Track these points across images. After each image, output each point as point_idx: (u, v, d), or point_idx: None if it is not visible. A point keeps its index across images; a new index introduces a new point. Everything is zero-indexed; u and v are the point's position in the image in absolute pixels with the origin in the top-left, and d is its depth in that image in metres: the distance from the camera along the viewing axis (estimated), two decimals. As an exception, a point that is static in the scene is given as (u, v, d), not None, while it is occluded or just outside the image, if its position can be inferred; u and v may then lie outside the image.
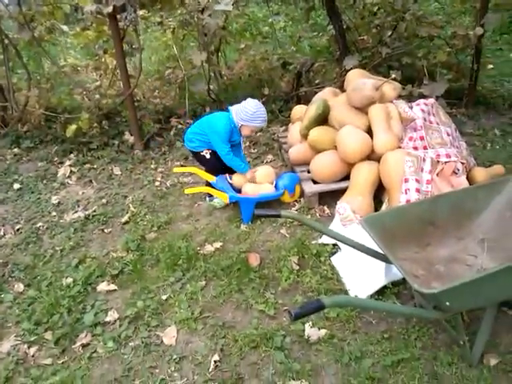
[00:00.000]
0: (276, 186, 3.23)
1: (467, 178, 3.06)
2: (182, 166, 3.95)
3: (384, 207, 2.99)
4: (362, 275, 2.48)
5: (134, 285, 2.64)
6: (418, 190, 2.79)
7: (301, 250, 2.75)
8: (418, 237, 2.26)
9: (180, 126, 4.63)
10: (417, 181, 2.82)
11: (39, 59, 5.04)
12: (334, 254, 2.71)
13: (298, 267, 2.63)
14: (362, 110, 3.24)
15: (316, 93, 4.25)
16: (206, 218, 3.21)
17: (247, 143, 4.32)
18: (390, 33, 4.24)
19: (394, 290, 2.43)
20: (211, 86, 4.90)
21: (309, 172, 3.39)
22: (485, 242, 2.28)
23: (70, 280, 2.70)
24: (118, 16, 4.05)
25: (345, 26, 4.56)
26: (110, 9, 3.84)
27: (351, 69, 3.92)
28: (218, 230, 3.05)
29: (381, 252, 2.09)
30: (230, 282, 2.55)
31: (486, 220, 2.31)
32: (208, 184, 3.30)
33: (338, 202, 2.99)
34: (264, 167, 3.39)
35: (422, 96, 3.63)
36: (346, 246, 2.62)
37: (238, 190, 3.20)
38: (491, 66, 5.67)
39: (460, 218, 2.31)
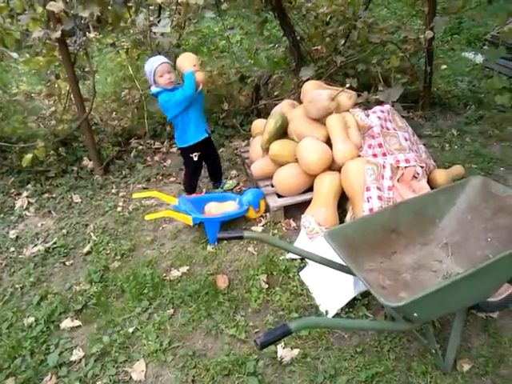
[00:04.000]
0: (240, 203, 3.19)
1: (428, 180, 3.10)
2: (143, 188, 3.86)
3: (348, 216, 2.98)
4: (331, 289, 2.45)
5: (99, 319, 2.54)
6: (380, 198, 2.80)
7: (269, 267, 2.70)
8: (382, 246, 2.25)
9: (140, 147, 4.54)
10: (378, 188, 2.83)
11: (-11, 88, 4.86)
12: (302, 268, 2.68)
13: (267, 286, 2.59)
14: (320, 120, 3.25)
15: (276, 105, 4.26)
16: (171, 241, 3.13)
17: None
18: (343, 41, 4.29)
19: (364, 301, 2.42)
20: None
21: (272, 186, 3.36)
22: (448, 246, 2.30)
23: (31, 319, 2.57)
24: (68, 40, 3.95)
25: (298, 37, 4.59)
26: (58, 34, 3.73)
27: (307, 80, 3.94)
28: (183, 253, 2.98)
29: (345, 264, 2.06)
30: (198, 307, 2.49)
31: (448, 224, 2.32)
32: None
33: (302, 215, 2.96)
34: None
35: (379, 102, 3.67)
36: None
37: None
38: (444, 67, 5.82)
39: (423, 223, 2.32)
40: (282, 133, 3.38)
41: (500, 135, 4.15)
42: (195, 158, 3.35)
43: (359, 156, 3.07)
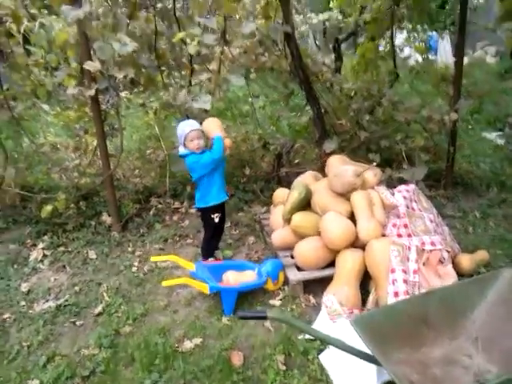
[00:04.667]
0: (259, 273, 3.12)
1: (452, 264, 3.02)
2: (160, 250, 3.82)
3: (371, 298, 2.89)
4: (352, 377, 2.32)
5: (105, 389, 2.42)
6: (405, 281, 2.71)
7: (287, 346, 2.59)
8: (410, 337, 2.15)
9: (160, 206, 4.54)
10: (404, 271, 2.75)
11: (18, 137, 4.99)
12: (322, 350, 2.55)
13: (284, 367, 2.46)
14: (344, 196, 3.24)
15: (297, 174, 4.28)
16: (185, 308, 3.04)
17: (228, 223, 4.24)
18: (367, 117, 4.37)
19: (388, 393, 2.27)
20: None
21: (292, 258, 3.30)
22: (478, 341, 2.19)
23: (36, 382, 2.46)
24: (100, 98, 4.08)
25: (323, 110, 4.70)
26: (92, 92, 3.86)
27: (332, 153, 3.98)
28: (197, 322, 2.87)
29: (372, 355, 1.96)
30: (211, 385, 2.36)
31: (479, 317, 2.22)
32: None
33: (324, 294, 2.87)
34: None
35: (402, 181, 3.67)
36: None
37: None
38: (465, 146, 5.88)
39: (452, 315, 2.22)
40: (305, 204, 3.36)
41: (524, 220, 4.10)
42: (216, 220, 3.34)
43: (383, 235, 3.02)
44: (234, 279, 3.01)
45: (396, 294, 2.68)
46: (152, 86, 4.73)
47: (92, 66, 3.66)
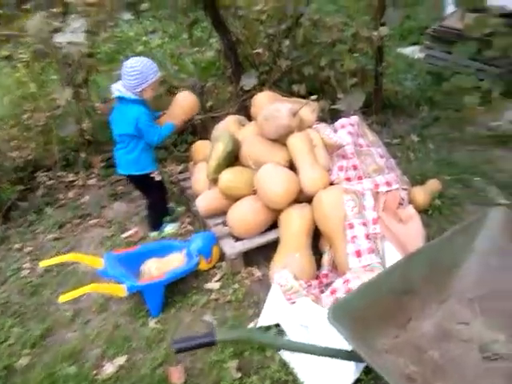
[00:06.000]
0: (188, 254, 2.48)
1: (407, 202, 2.59)
2: (56, 240, 3.02)
3: (326, 259, 2.39)
4: (326, 371, 1.83)
5: None
6: (367, 236, 2.22)
7: (238, 346, 2.03)
8: (395, 314, 1.68)
9: (49, 182, 3.65)
10: (363, 224, 2.26)
11: None
12: (281, 341, 2.03)
13: (239, 374, 1.92)
14: (279, 141, 2.63)
15: (214, 120, 3.60)
16: (99, 316, 2.35)
17: (139, 192, 3.50)
18: (287, 42, 3.70)
19: (370, 382, 1.83)
20: (84, 126, 3.99)
21: (225, 225, 2.69)
22: (474, 302, 1.77)
23: None
24: None
25: (234, 39, 3.95)
26: None
27: (254, 90, 3.32)
28: (117, 333, 2.21)
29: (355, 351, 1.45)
30: (147, 424, 1.76)
31: (469, 273, 1.80)
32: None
33: (271, 265, 2.33)
34: None
35: (336, 113, 3.13)
36: (295, 331, 1.98)
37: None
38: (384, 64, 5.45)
39: (438, 276, 1.78)
40: (233, 159, 2.72)
41: (462, 138, 3.79)
42: (157, 178, 2.82)
43: (331, 183, 2.49)
44: (158, 269, 2.34)
45: (358, 254, 2.19)
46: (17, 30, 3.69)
47: None
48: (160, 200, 2.95)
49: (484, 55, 3.82)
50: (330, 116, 3.44)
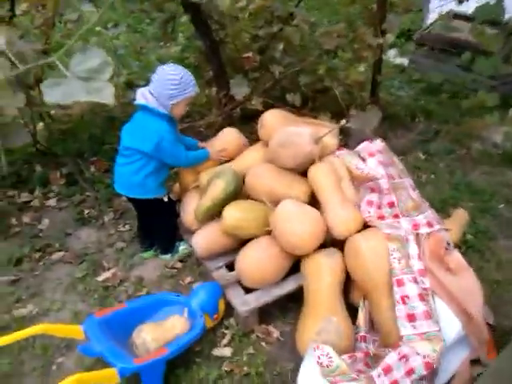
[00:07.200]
0: (191, 313, 1.98)
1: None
2: (11, 285, 2.41)
3: (361, 317, 1.98)
4: None
5: None
6: (421, 297, 1.83)
7: None
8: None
9: (-1, 203, 3.00)
10: (415, 281, 1.86)
11: None
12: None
13: None
14: (295, 170, 2.19)
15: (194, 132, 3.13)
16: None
17: (112, 215, 2.95)
18: (281, 46, 3.24)
19: None
20: (38, 135, 3.35)
21: (228, 268, 2.23)
22: None
23: None
24: None
25: (218, 39, 3.44)
26: None
27: (246, 98, 2.84)
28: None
29: None
30: None
31: None
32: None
33: (302, 338, 1.87)
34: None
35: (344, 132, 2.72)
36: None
37: None
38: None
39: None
40: (232, 200, 2.23)
41: (471, 156, 3.52)
42: (165, 198, 2.40)
43: (365, 225, 2.08)
44: (156, 340, 1.83)
45: (411, 318, 1.79)
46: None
47: None
48: (170, 220, 2.50)
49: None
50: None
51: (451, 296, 1.89)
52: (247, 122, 3.67)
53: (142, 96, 2.15)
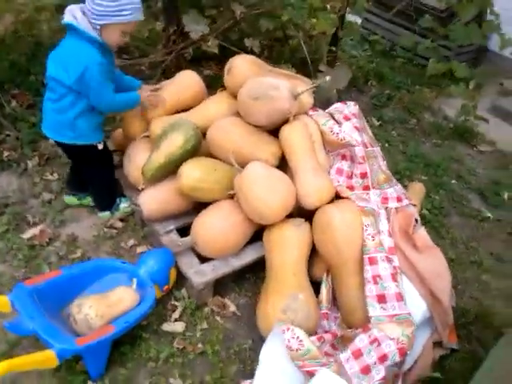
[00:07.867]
0: (140, 283, 1.73)
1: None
2: None
3: (324, 292, 1.87)
4: None
5: None
6: (393, 277, 1.74)
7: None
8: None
9: None
10: (388, 260, 1.76)
11: None
12: None
13: None
14: (264, 128, 1.96)
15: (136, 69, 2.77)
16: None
17: (54, 172, 2.53)
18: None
19: None
20: None
21: (179, 232, 2.00)
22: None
23: None
24: None
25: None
26: None
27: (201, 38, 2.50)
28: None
29: None
30: None
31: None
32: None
33: (264, 315, 1.71)
34: None
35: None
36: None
37: None
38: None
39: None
40: (187, 159, 1.95)
41: (421, 126, 3.49)
42: (100, 146, 2.04)
43: (340, 196, 1.92)
44: (101, 315, 1.57)
45: (381, 299, 1.69)
46: None
47: None
48: (105, 173, 2.16)
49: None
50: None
51: (420, 276, 1.82)
52: (196, 65, 3.33)
53: (70, 14, 1.76)
